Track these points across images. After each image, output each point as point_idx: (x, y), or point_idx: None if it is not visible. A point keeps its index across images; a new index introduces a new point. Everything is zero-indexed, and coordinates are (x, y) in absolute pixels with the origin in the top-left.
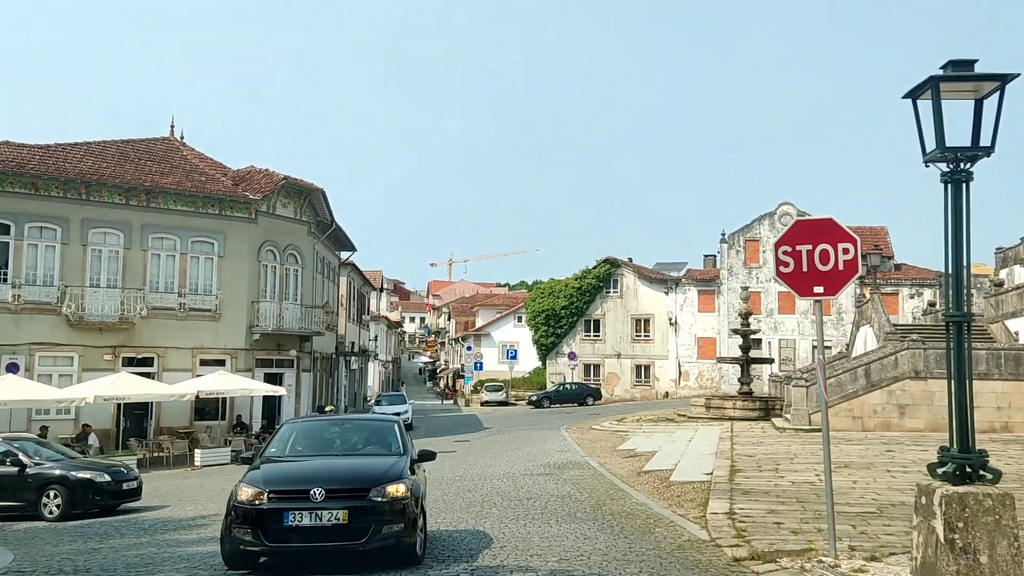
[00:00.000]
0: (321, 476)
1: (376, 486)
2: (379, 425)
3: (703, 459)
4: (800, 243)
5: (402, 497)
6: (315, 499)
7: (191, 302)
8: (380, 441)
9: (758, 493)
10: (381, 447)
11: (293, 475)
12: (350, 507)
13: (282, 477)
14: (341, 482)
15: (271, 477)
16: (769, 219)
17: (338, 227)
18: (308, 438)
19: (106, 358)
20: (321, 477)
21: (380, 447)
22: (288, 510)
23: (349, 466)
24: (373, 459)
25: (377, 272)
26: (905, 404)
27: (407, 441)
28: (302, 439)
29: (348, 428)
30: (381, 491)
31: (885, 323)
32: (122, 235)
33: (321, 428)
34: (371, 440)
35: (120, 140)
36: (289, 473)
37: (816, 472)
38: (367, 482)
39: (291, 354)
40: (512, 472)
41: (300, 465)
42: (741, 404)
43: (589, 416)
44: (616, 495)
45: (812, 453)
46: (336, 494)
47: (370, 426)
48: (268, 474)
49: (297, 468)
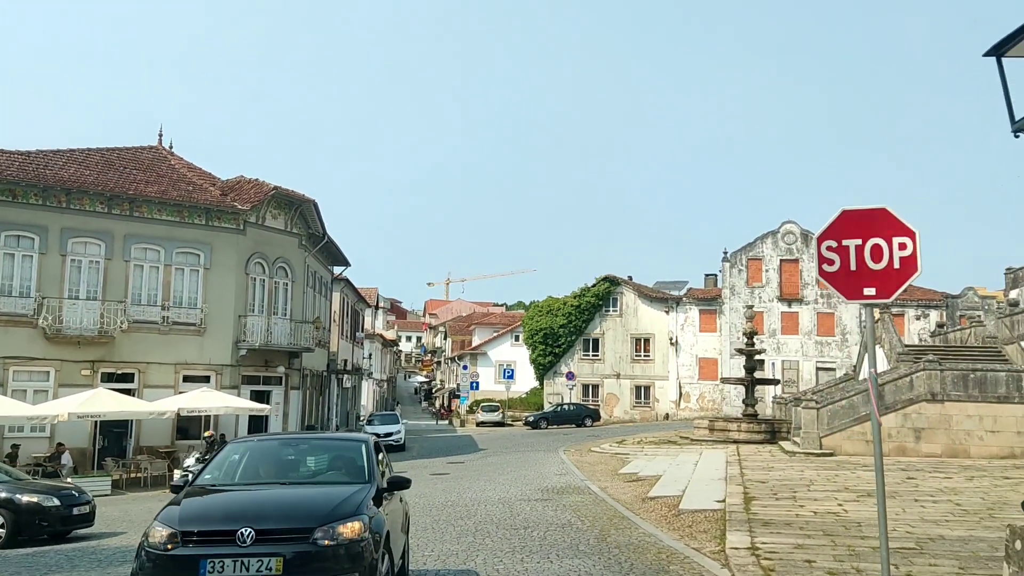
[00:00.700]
0: (254, 512)
1: (323, 525)
2: (344, 445)
3: (712, 485)
4: (847, 237)
5: (357, 538)
6: (242, 543)
7: (175, 315)
8: (344, 465)
9: (779, 524)
10: (344, 473)
11: (219, 511)
12: (287, 553)
13: (203, 514)
14: (278, 520)
15: (190, 514)
16: (772, 237)
17: (330, 240)
18: (254, 462)
19: (84, 373)
20: (254, 513)
21: (342, 473)
22: (206, 557)
23: (292, 499)
24: (327, 489)
25: (373, 289)
26: (921, 428)
27: (375, 465)
28: (246, 463)
29: (305, 449)
30: (330, 531)
31: (897, 343)
32: (103, 245)
33: (272, 450)
34: (333, 464)
35: (105, 148)
36: (214, 508)
37: (838, 501)
38: (311, 520)
39: (279, 371)
40: (508, 497)
41: (231, 497)
42: (746, 427)
43: (588, 438)
44: (621, 524)
45: (828, 479)
46: (271, 536)
47: (333, 447)
48: (188, 510)
49: (226, 501)
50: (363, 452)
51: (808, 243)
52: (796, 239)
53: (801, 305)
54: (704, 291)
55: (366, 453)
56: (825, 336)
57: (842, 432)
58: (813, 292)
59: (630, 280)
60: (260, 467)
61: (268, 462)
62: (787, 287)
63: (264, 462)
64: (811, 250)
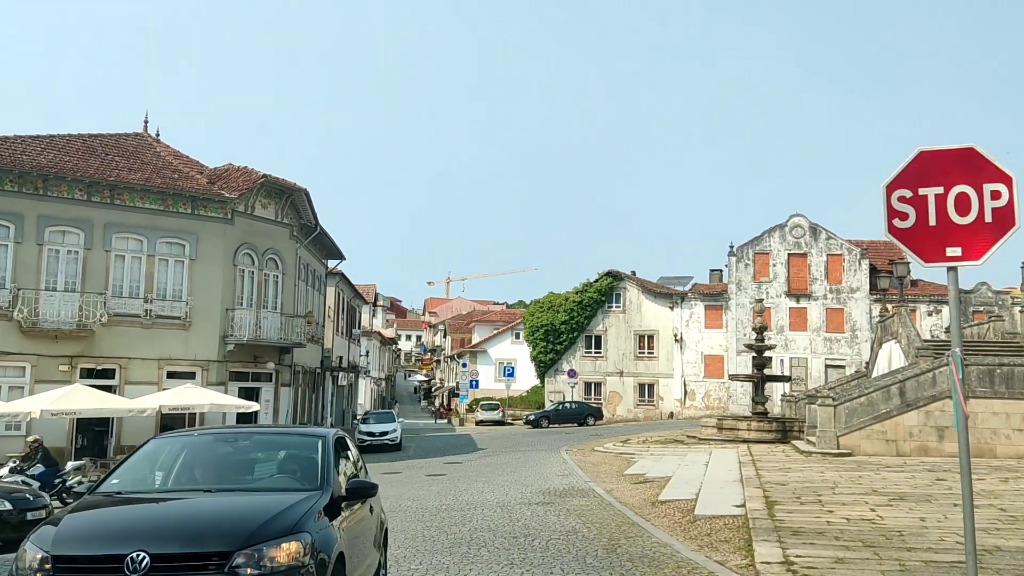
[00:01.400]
0: (154, 530)
1: (247, 547)
2: (296, 442)
3: (727, 487)
4: (925, 184)
5: (294, 563)
6: (133, 571)
7: (158, 308)
8: (294, 467)
9: (811, 534)
10: (292, 477)
11: (107, 529)
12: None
13: (86, 533)
14: (185, 540)
15: (69, 533)
16: (779, 231)
17: (323, 231)
18: (180, 463)
19: (62, 369)
20: (153, 532)
21: (290, 476)
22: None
23: (212, 512)
24: (262, 498)
25: (370, 286)
26: (944, 426)
27: (331, 468)
28: (169, 464)
29: (246, 447)
30: (255, 555)
31: (915, 338)
32: (82, 234)
33: (205, 447)
34: (283, 465)
35: (87, 134)
36: (102, 525)
37: (869, 505)
38: (231, 539)
39: (269, 367)
40: (507, 500)
41: (129, 511)
42: (756, 425)
43: (590, 437)
44: (632, 532)
45: (853, 481)
46: (172, 562)
47: (281, 444)
48: (68, 527)
49: (121, 516)
50: (319, 451)
51: (817, 236)
52: (804, 232)
53: (809, 301)
54: (709, 286)
55: (322, 452)
56: (834, 332)
57: (861, 431)
58: (822, 287)
59: (633, 275)
60: (184, 469)
61: (196, 463)
62: (795, 282)
63: (191, 463)
64: (819, 244)
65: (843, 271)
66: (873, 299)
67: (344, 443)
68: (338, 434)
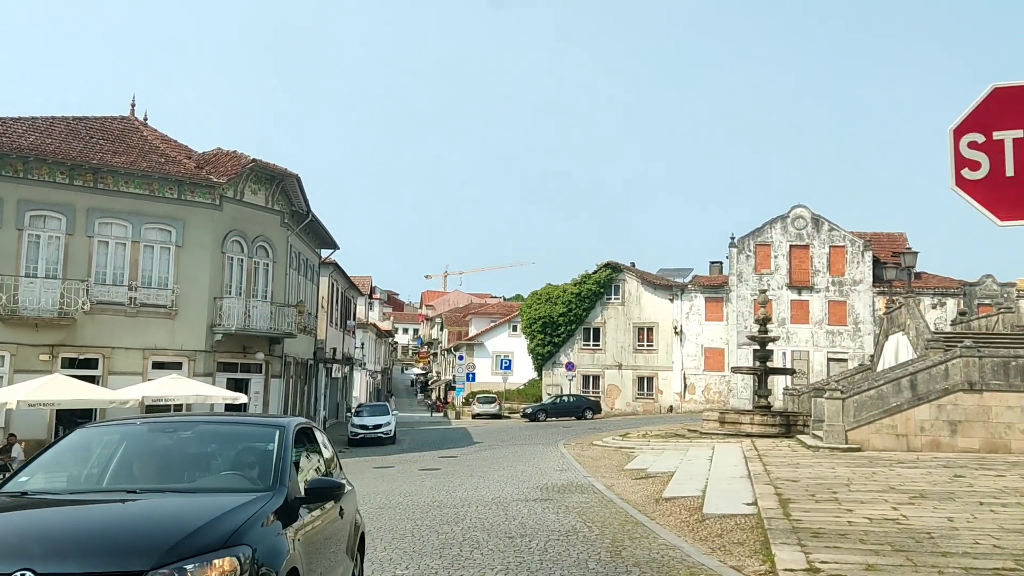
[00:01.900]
0: (48, 544)
1: (165, 564)
2: (249, 433)
3: (735, 484)
4: (1003, 127)
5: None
6: None
7: (143, 296)
8: (245, 463)
9: (833, 535)
10: (240, 475)
11: None
12: None
13: None
14: (87, 556)
15: None
16: (781, 222)
17: (316, 219)
18: (105, 458)
19: (42, 358)
20: (46, 546)
21: (237, 475)
22: None
23: (127, 519)
24: (196, 501)
25: (366, 278)
26: (957, 420)
27: (288, 465)
28: (94, 459)
29: (189, 440)
30: (175, 574)
31: (924, 329)
32: (64, 219)
33: (140, 439)
34: (232, 460)
35: (71, 116)
36: None
37: (890, 504)
38: (146, 555)
39: (258, 357)
40: (503, 497)
41: (27, 519)
42: (760, 419)
43: (589, 431)
44: (636, 532)
45: (867, 478)
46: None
47: (232, 435)
48: None
49: (14, 524)
50: (275, 444)
51: (819, 228)
52: (806, 224)
53: (811, 293)
54: (710, 278)
55: (279, 445)
56: (837, 325)
57: (870, 425)
58: (824, 279)
59: (633, 267)
60: (111, 466)
61: (127, 459)
62: (797, 274)
63: (120, 459)
64: (822, 235)
65: (846, 263)
66: (876, 292)
67: (310, 435)
68: (301, 424)
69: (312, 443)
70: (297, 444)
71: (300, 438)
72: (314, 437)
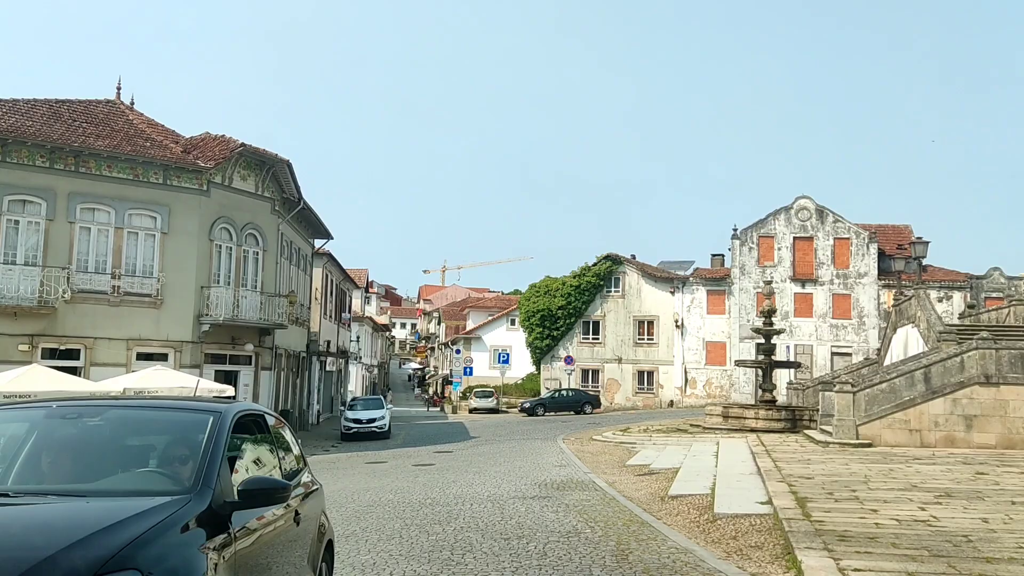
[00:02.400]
0: None
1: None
2: (175, 421)
3: (745, 481)
4: None
5: None
6: None
7: (127, 285)
8: (165, 458)
9: (862, 539)
10: (158, 473)
11: None
12: None
13: None
14: None
15: None
16: (785, 214)
17: (307, 207)
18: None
19: (21, 348)
20: None
21: (155, 473)
22: None
23: None
24: (81, 508)
25: (362, 270)
26: (973, 415)
27: (219, 461)
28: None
29: (97, 429)
30: None
31: (936, 321)
32: (44, 204)
33: (37, 425)
34: (149, 456)
35: (54, 99)
36: None
37: (917, 503)
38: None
39: (248, 349)
40: (499, 494)
41: None
42: (764, 414)
43: (588, 425)
44: (642, 534)
45: (885, 475)
46: None
47: (150, 423)
48: None
49: None
50: (205, 435)
51: (823, 219)
52: (811, 215)
53: (815, 286)
54: (712, 271)
55: (209, 438)
56: (841, 319)
57: (882, 420)
58: (828, 272)
59: (633, 259)
60: (4, 460)
61: (19, 452)
62: (800, 266)
63: (14, 449)
64: (826, 227)
65: (850, 255)
66: (881, 284)
67: (260, 424)
68: (245, 412)
69: (264, 434)
70: (240, 435)
71: (245, 428)
72: (266, 427)
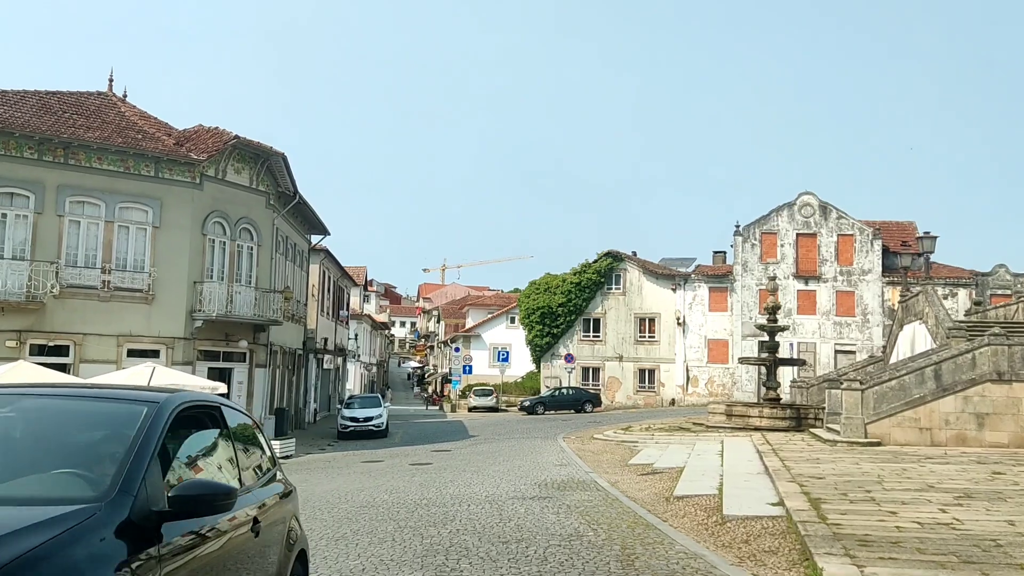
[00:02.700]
0: None
1: None
2: (100, 412)
3: (753, 481)
4: None
5: None
6: None
7: (118, 280)
8: (87, 456)
9: (884, 543)
10: (73, 477)
11: None
12: None
13: None
14: None
15: None
16: (788, 210)
17: (303, 201)
18: None
19: (9, 344)
20: None
21: (70, 477)
22: None
23: None
24: None
25: (361, 268)
26: (985, 413)
27: (143, 462)
28: None
29: (9, 421)
30: None
31: (945, 317)
32: (32, 197)
33: None
34: (67, 454)
35: (44, 91)
36: None
37: (937, 505)
38: None
39: (242, 345)
40: (497, 494)
41: None
42: (769, 412)
43: (589, 424)
44: (649, 537)
45: (898, 475)
46: None
47: (76, 415)
48: None
49: None
50: (135, 430)
51: (827, 216)
52: (814, 211)
53: (819, 283)
54: (714, 268)
55: (139, 434)
56: (844, 316)
57: (891, 418)
58: (832, 269)
59: (634, 256)
60: None
61: None
62: (804, 263)
63: None
64: (829, 223)
65: (854, 252)
66: (886, 282)
67: (215, 418)
68: (193, 403)
69: (220, 430)
70: (186, 430)
71: (194, 423)
72: (223, 422)
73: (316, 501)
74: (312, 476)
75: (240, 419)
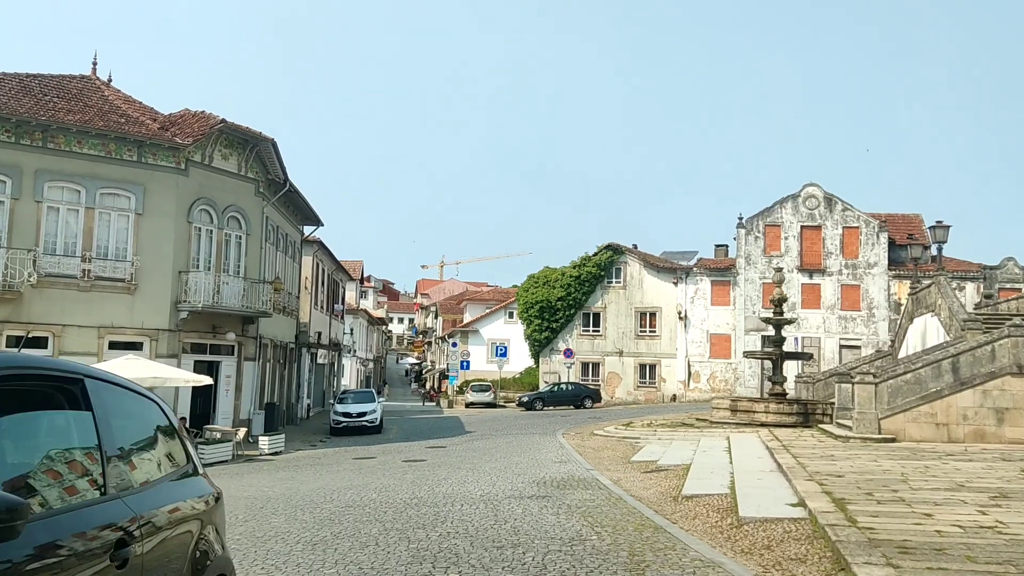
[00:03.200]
0: None
1: None
2: None
3: (767, 479)
4: None
5: None
6: None
7: (98, 269)
8: None
9: (928, 551)
10: None
11: None
12: None
13: None
14: None
15: None
16: (792, 201)
17: (294, 189)
18: None
19: None
20: None
21: None
22: None
23: None
24: None
25: (357, 262)
26: (1004, 407)
27: None
28: None
29: None
30: None
31: (959, 309)
32: (9, 181)
33: None
34: None
35: (24, 73)
36: None
37: (971, 505)
38: None
39: (230, 338)
40: (493, 493)
41: None
42: (775, 407)
43: (589, 420)
44: (659, 541)
45: (921, 472)
46: None
47: None
48: None
49: None
50: None
51: (832, 208)
52: (819, 203)
53: (823, 276)
54: (716, 261)
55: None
56: (850, 311)
57: (906, 413)
58: (837, 262)
59: (635, 249)
60: None
61: None
62: (808, 256)
63: None
64: (835, 216)
65: (860, 245)
66: (892, 275)
67: (72, 397)
68: (23, 368)
69: (74, 411)
70: (10, 412)
71: (27, 401)
72: (83, 401)
73: (298, 501)
74: (299, 473)
75: (124, 399)
